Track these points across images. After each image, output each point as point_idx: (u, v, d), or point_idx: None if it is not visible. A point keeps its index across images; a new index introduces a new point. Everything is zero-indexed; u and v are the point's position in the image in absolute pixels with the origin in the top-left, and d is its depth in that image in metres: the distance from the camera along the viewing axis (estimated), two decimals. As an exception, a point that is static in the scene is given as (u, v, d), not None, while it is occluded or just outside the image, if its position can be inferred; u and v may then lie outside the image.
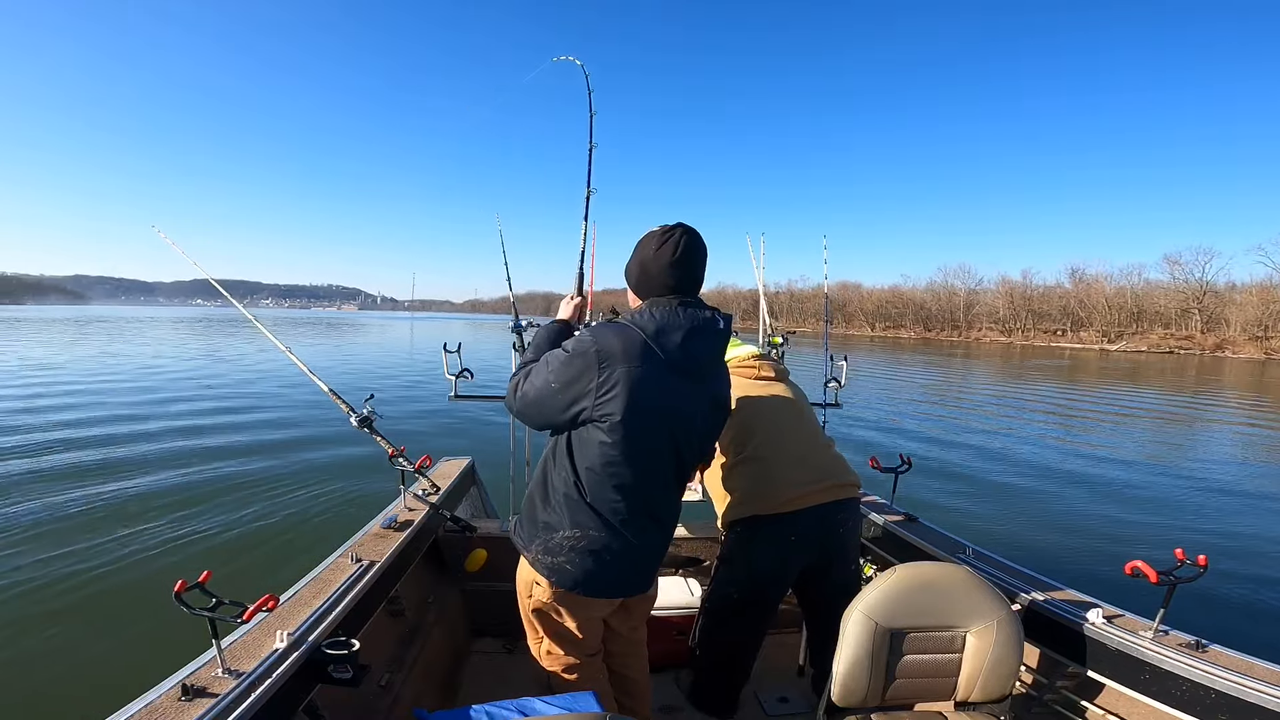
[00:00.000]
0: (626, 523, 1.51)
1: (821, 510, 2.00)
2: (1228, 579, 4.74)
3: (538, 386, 1.47)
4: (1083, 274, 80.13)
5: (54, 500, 5.94)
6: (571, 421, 1.45)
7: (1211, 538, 5.86)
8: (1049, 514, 6.49)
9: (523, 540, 1.60)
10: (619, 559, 1.53)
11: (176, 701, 1.23)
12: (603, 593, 1.57)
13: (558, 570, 1.51)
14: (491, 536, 2.70)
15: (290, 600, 1.68)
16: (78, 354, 22.29)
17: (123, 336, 33.24)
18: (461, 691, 2.39)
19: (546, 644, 1.65)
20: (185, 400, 12.35)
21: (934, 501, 6.70)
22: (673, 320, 1.43)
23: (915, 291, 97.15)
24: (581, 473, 1.47)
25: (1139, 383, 23.93)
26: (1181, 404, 17.57)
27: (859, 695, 1.56)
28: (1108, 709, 1.81)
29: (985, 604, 1.57)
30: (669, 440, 1.50)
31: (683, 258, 1.48)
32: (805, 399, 2.28)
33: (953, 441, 10.03)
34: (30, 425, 9.42)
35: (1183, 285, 69.03)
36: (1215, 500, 7.09)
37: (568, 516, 1.49)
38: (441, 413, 11.02)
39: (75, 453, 7.81)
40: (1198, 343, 61.59)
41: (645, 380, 1.40)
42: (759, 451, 2.06)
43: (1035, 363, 36.05)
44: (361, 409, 2.44)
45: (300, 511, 5.86)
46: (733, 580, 2.12)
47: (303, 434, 9.21)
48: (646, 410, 1.42)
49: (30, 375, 15.64)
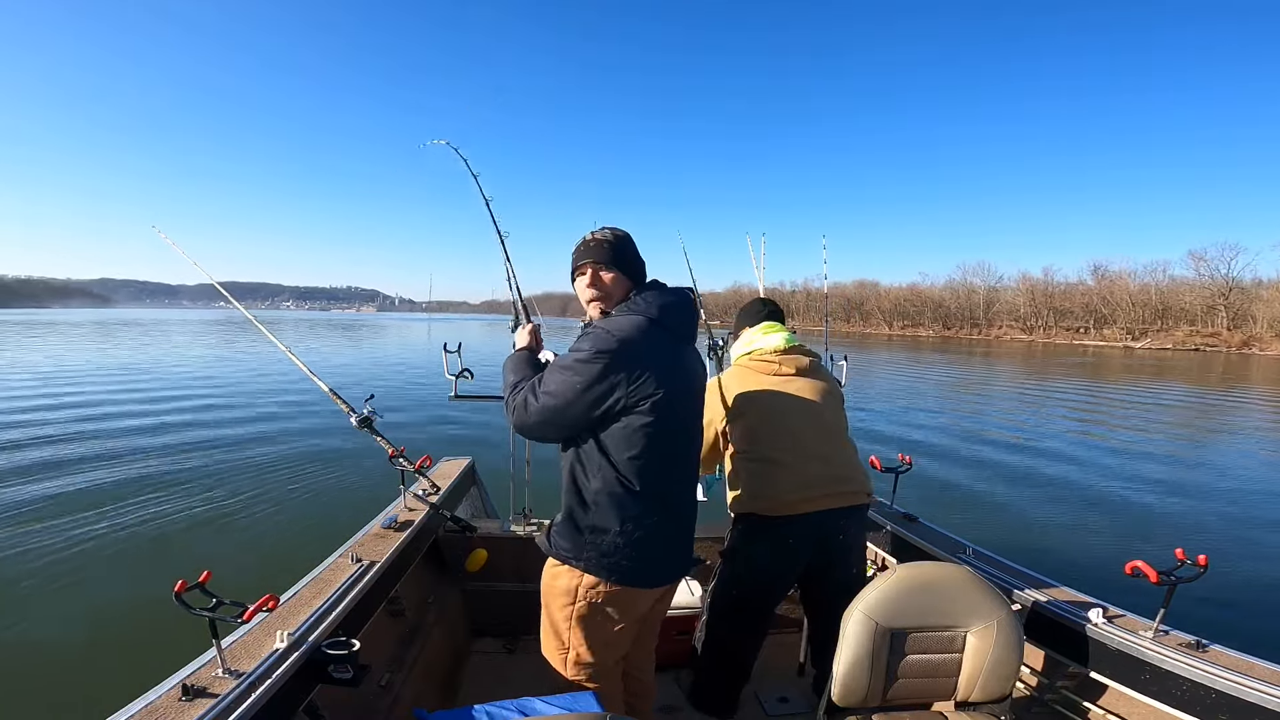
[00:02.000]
0: (674, 499, 1.60)
1: (820, 516, 1.98)
2: (1228, 579, 4.74)
3: (560, 394, 1.48)
4: (1105, 271, 79.24)
5: (54, 500, 5.95)
6: (601, 418, 1.48)
7: (1212, 537, 5.86)
8: (1049, 514, 6.49)
9: (568, 551, 1.56)
10: (673, 540, 1.62)
11: (177, 701, 1.23)
12: (661, 579, 1.62)
13: (617, 569, 1.52)
14: (492, 536, 2.70)
15: (290, 600, 1.68)
16: (89, 356, 22.34)
17: (129, 338, 33.26)
18: (461, 691, 2.40)
19: (575, 652, 1.61)
20: (185, 401, 12.35)
21: (934, 501, 6.70)
22: (664, 298, 1.57)
23: (934, 290, 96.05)
24: (622, 464, 1.49)
25: (1160, 380, 23.84)
26: (1198, 401, 17.52)
27: (859, 695, 1.56)
28: (1108, 709, 1.81)
29: (985, 604, 1.57)
30: (691, 406, 1.64)
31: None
32: (832, 396, 2.16)
33: (954, 441, 10.03)
34: (30, 427, 9.42)
35: (1208, 281, 68.01)
36: (1216, 500, 7.08)
37: (615, 514, 1.50)
38: (441, 413, 11.03)
39: (75, 453, 7.82)
40: (1224, 340, 60.71)
41: (665, 355, 1.53)
42: (764, 451, 2.04)
43: (1056, 360, 35.74)
44: (361, 409, 2.44)
45: (300, 511, 5.86)
46: (734, 576, 2.13)
47: (304, 434, 9.21)
48: (675, 382, 1.53)
49: (41, 374, 15.65)
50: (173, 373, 17.40)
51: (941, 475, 7.82)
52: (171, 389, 14.07)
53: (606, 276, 1.58)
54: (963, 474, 7.98)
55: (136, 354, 23.41)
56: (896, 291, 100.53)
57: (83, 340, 30.76)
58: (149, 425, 9.70)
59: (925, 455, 8.73)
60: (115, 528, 5.29)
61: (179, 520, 5.51)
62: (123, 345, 28.13)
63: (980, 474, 8.03)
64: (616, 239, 1.61)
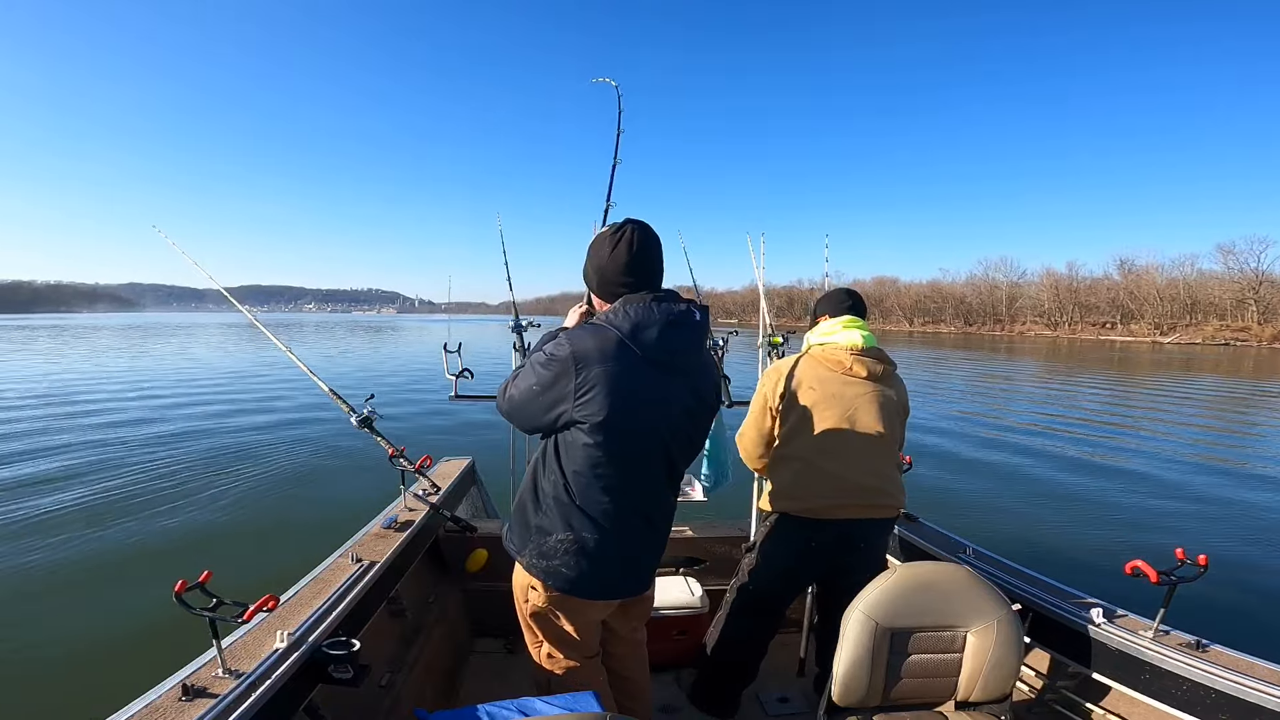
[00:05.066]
0: (618, 524, 1.49)
1: (849, 525, 1.99)
2: (1229, 579, 4.73)
3: (521, 390, 1.48)
4: (1132, 265, 78.88)
5: (53, 501, 5.95)
6: (554, 424, 1.45)
7: (1212, 537, 5.86)
8: (1050, 513, 6.48)
9: (515, 545, 1.59)
10: (613, 561, 1.52)
11: (177, 701, 1.23)
12: (598, 595, 1.57)
13: (553, 574, 1.51)
14: (492, 536, 2.70)
15: (290, 600, 1.68)
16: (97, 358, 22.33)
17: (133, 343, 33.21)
18: (462, 691, 2.39)
19: (546, 647, 1.64)
20: (187, 400, 12.36)
21: (934, 501, 6.69)
22: (648, 316, 1.41)
23: (955, 286, 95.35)
24: (569, 476, 1.46)
25: (1189, 375, 23.68)
26: (1225, 396, 17.44)
27: (859, 695, 1.55)
28: (1108, 709, 1.81)
29: (985, 604, 1.57)
30: (656, 438, 1.48)
31: (639, 254, 1.46)
32: (894, 408, 2.07)
33: (954, 440, 10.02)
34: (34, 426, 9.43)
35: (1238, 275, 67.88)
36: (1217, 499, 7.08)
37: (559, 519, 1.48)
38: (441, 412, 11.02)
39: (75, 453, 7.82)
40: (1254, 334, 60.64)
41: (623, 378, 1.39)
42: (806, 453, 2.01)
43: (1083, 356, 35.23)
44: (362, 409, 2.44)
45: (300, 512, 5.86)
46: (755, 572, 2.15)
47: (304, 434, 9.21)
48: (627, 409, 1.40)
49: (45, 376, 15.65)
50: (174, 374, 17.41)
51: (941, 475, 7.82)
52: (172, 390, 14.08)
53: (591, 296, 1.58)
54: (963, 474, 7.97)
55: (140, 356, 23.42)
56: (917, 288, 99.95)
57: (90, 345, 30.73)
58: (149, 425, 9.71)
59: (925, 455, 8.72)
60: (116, 528, 5.29)
61: (179, 520, 5.51)
62: (131, 348, 28.13)
63: (980, 474, 8.03)
64: (588, 253, 1.54)
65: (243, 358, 22.74)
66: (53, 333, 44.31)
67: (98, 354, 24.72)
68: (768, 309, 2.87)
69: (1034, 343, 57.83)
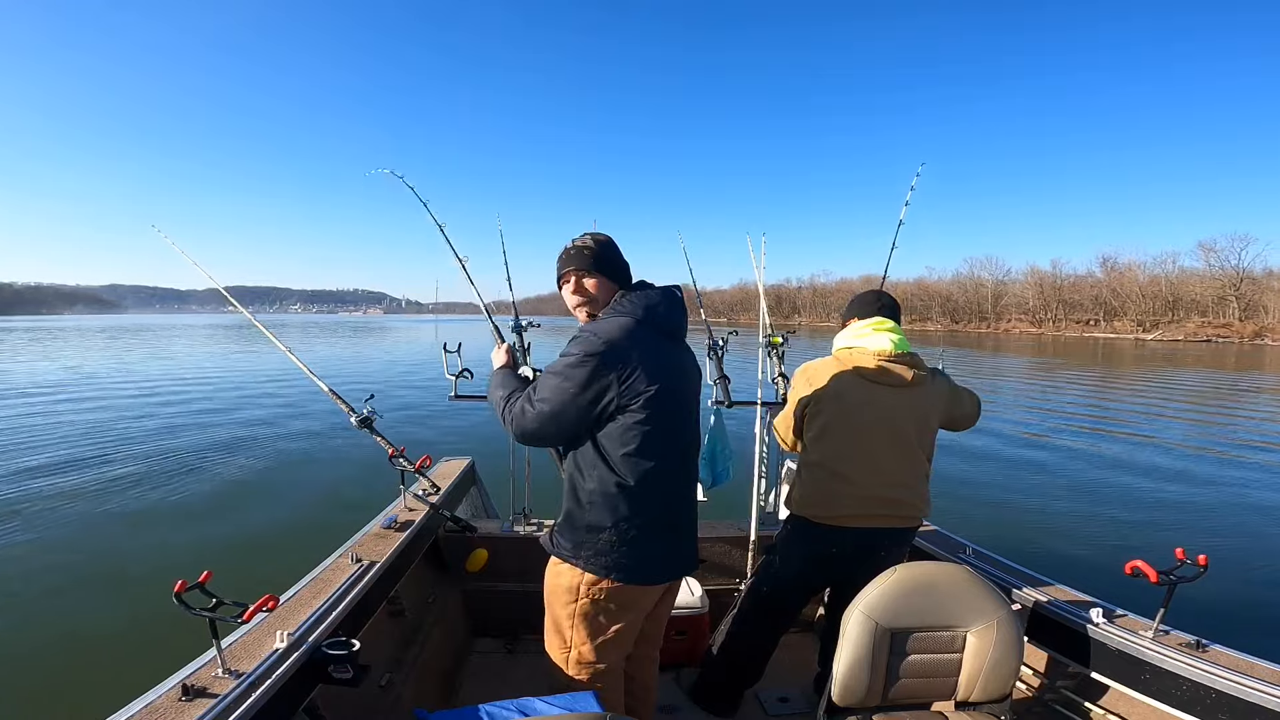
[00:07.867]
0: (672, 496, 1.61)
1: (866, 534, 1.98)
2: (1229, 578, 4.74)
3: (553, 399, 1.50)
4: (1114, 263, 79.34)
5: (53, 501, 5.95)
6: (598, 419, 1.51)
7: (1213, 536, 5.85)
8: (1050, 514, 6.48)
9: (568, 550, 1.59)
10: (671, 537, 1.62)
11: (176, 701, 1.23)
12: (660, 576, 1.63)
13: (615, 566, 1.54)
14: (492, 536, 2.70)
15: (290, 600, 1.68)
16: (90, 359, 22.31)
17: (128, 344, 33.21)
18: (462, 691, 2.39)
19: (578, 651, 1.62)
20: (185, 402, 12.36)
21: (934, 501, 6.69)
22: (649, 298, 1.59)
23: (941, 284, 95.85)
24: (620, 463, 1.51)
25: (1171, 369, 23.70)
26: (1209, 392, 17.43)
27: (859, 695, 1.55)
28: (1108, 709, 1.81)
29: (985, 604, 1.57)
30: (685, 397, 1.64)
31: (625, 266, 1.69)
32: (926, 416, 2.02)
33: (954, 440, 10.03)
34: (33, 428, 9.42)
35: (1219, 272, 68.22)
36: (1217, 499, 7.07)
37: (609, 514, 1.53)
38: (441, 412, 11.02)
39: (75, 454, 7.82)
40: (1236, 331, 61.17)
41: (653, 353, 1.53)
42: (830, 461, 1.99)
43: (1066, 353, 35.36)
44: (361, 409, 2.44)
45: (300, 511, 5.86)
46: (771, 574, 2.16)
47: (304, 434, 9.21)
48: (666, 377, 1.54)
49: (43, 378, 15.64)
50: (173, 375, 17.40)
51: (941, 475, 7.81)
52: (171, 390, 14.07)
53: (589, 282, 1.62)
54: (963, 473, 7.98)
55: (135, 357, 23.41)
56: (903, 286, 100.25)
57: (79, 346, 30.72)
58: (149, 426, 9.70)
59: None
60: (115, 528, 5.29)
61: (179, 520, 5.51)
62: (125, 350, 28.12)
63: (980, 473, 8.03)
64: (597, 244, 1.64)
65: (239, 358, 22.74)
66: (35, 335, 43.98)
67: (86, 353, 24.69)
68: (758, 308, 2.87)
69: (1020, 340, 58.00)
